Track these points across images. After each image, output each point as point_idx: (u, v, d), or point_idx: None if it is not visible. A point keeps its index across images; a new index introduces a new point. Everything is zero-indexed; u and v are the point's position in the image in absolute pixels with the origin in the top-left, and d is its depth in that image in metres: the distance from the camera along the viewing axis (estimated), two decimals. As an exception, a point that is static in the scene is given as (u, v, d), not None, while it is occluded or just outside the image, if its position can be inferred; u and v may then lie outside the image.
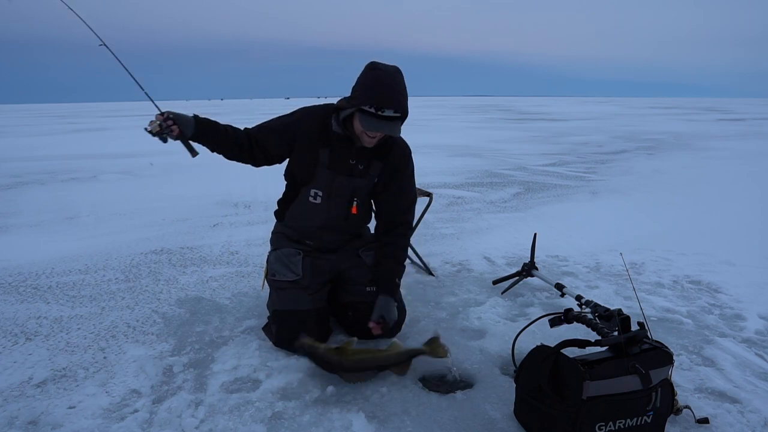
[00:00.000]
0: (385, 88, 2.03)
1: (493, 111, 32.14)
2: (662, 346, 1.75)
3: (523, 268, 3.09)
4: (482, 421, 1.85)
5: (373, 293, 2.32)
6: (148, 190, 6.37)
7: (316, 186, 2.28)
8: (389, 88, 2.04)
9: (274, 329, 2.33)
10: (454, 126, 18.48)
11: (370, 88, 2.04)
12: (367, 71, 2.08)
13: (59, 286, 3.15)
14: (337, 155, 2.24)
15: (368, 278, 2.36)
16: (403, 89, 2.09)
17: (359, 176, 2.28)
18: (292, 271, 2.31)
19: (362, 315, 2.29)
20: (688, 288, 3.15)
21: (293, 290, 2.29)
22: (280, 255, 2.36)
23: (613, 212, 5.17)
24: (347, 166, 2.25)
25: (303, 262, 2.33)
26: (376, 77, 2.05)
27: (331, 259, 2.40)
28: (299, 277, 2.29)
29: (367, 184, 2.32)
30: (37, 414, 1.89)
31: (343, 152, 2.24)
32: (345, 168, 2.25)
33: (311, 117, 2.28)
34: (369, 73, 2.07)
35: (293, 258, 2.33)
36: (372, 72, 2.07)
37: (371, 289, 2.34)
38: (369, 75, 2.07)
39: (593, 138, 13.27)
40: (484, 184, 6.76)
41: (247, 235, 4.26)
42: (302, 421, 1.84)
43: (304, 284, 2.29)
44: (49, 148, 11.69)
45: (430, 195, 3.45)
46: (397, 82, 2.06)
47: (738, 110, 32.76)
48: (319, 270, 2.36)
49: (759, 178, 7.20)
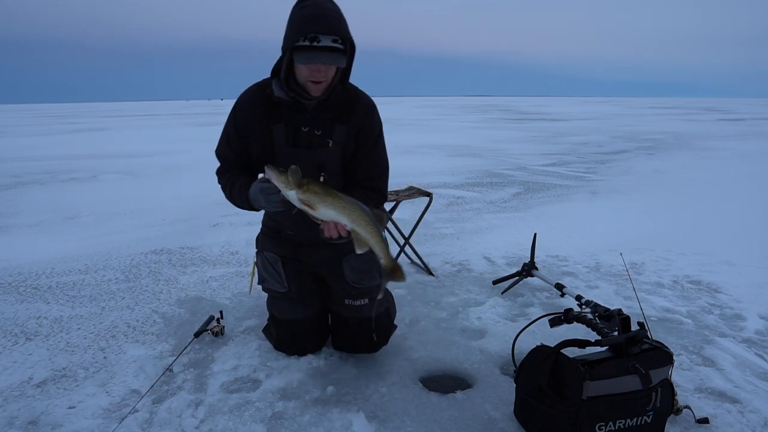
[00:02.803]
0: (317, 16, 1.79)
1: (493, 111, 32.14)
2: (662, 346, 1.75)
3: (523, 268, 3.09)
4: (482, 421, 1.85)
5: (352, 307, 2.16)
6: (148, 190, 6.37)
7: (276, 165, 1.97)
8: (322, 15, 1.80)
9: (274, 333, 2.32)
10: (454, 126, 18.47)
11: (300, 19, 1.81)
12: (294, 8, 1.86)
13: (59, 286, 3.15)
14: (291, 128, 2.00)
15: (347, 292, 2.17)
16: (340, 14, 1.84)
17: (321, 146, 2.02)
18: (278, 281, 2.19)
19: (339, 326, 2.25)
20: (688, 288, 3.15)
21: (283, 300, 2.21)
22: (266, 261, 2.22)
23: (613, 212, 5.17)
24: (301, 135, 2.00)
25: (286, 272, 2.17)
26: (304, 8, 1.82)
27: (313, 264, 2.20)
28: (286, 290, 2.18)
29: (334, 154, 2.04)
30: (37, 414, 1.89)
31: (295, 121, 2.00)
32: (301, 140, 2.01)
33: (247, 97, 2.05)
34: (296, 8, 1.85)
35: (276, 266, 2.18)
36: (299, 5, 1.85)
37: (348, 302, 2.17)
38: (296, 9, 1.85)
39: (593, 138, 13.27)
40: (484, 184, 6.76)
41: (247, 235, 4.25)
42: (302, 421, 1.84)
43: (292, 296, 2.19)
44: (49, 148, 11.69)
45: (430, 195, 3.45)
46: (330, 8, 1.83)
47: (738, 110, 32.75)
48: (304, 277, 2.22)
49: (759, 178, 7.20)
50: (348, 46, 1.88)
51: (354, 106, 2.04)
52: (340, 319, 2.23)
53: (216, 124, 21.77)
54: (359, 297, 2.16)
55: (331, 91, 1.96)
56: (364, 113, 2.06)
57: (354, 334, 2.22)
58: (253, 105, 2.02)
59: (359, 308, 2.16)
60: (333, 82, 1.94)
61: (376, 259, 1.77)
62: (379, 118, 2.13)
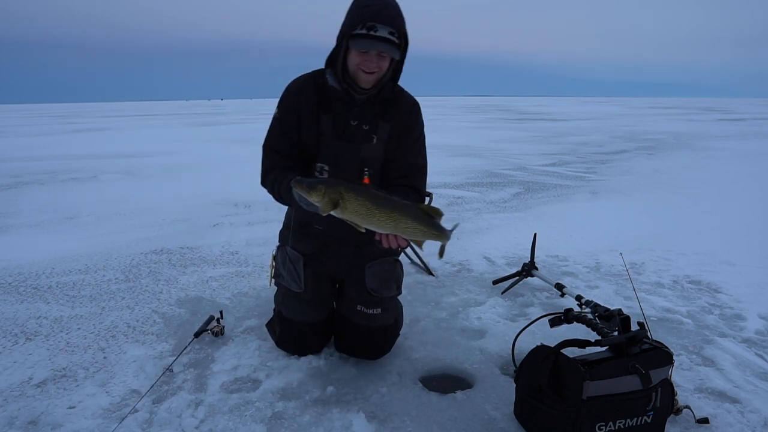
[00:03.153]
0: (377, 5, 1.83)
1: (493, 111, 32.13)
2: (662, 346, 1.75)
3: (523, 268, 3.09)
4: (482, 421, 1.85)
5: (364, 315, 2.15)
6: (148, 190, 6.37)
7: (321, 160, 2.03)
8: (383, 5, 1.84)
9: (277, 330, 2.29)
10: (454, 126, 18.47)
11: (362, 7, 1.84)
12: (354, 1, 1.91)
13: (59, 286, 3.15)
14: (340, 119, 2.01)
15: (362, 299, 2.15)
16: (398, 10, 1.88)
17: (366, 141, 2.02)
18: (294, 281, 2.16)
19: (347, 331, 2.23)
20: (688, 288, 3.15)
21: (296, 300, 2.19)
22: (286, 257, 2.18)
23: (613, 212, 5.17)
24: (350, 129, 2.01)
25: (305, 273, 2.14)
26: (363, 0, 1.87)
27: (334, 265, 2.19)
28: (302, 291, 2.15)
29: (377, 150, 2.05)
30: (37, 414, 1.89)
31: (345, 113, 2.01)
32: (348, 133, 2.02)
33: (298, 84, 2.05)
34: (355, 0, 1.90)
35: (296, 265, 2.15)
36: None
37: (361, 308, 2.15)
38: (355, 1, 1.90)
39: (593, 138, 13.27)
40: (484, 184, 6.76)
41: (247, 235, 4.25)
42: (302, 421, 1.84)
43: (307, 298, 2.17)
44: (49, 148, 11.68)
45: (430, 195, 3.45)
46: (391, 3, 1.87)
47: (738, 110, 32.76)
48: (322, 280, 2.21)
49: (759, 178, 7.20)
50: (403, 42, 1.91)
51: (399, 106, 2.07)
52: (349, 324, 2.20)
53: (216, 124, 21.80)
54: (373, 306, 2.15)
55: (381, 87, 1.99)
56: (408, 113, 2.09)
57: (361, 341, 2.21)
58: (305, 92, 2.02)
59: (371, 317, 2.15)
60: (383, 77, 1.97)
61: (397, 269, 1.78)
62: (422, 119, 2.16)
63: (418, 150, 2.13)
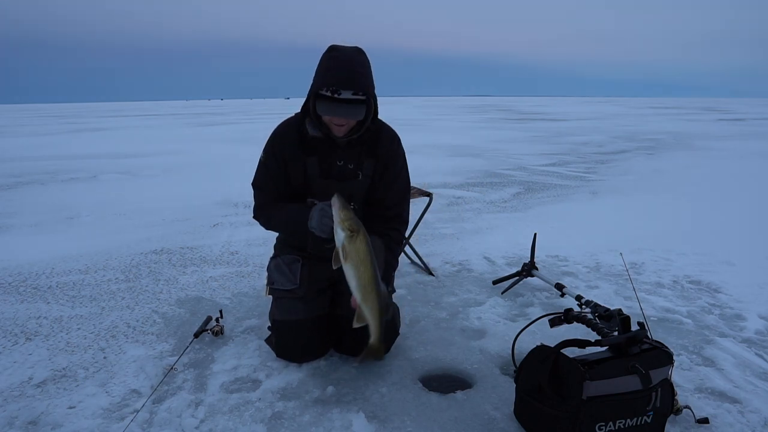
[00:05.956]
0: (341, 70, 1.90)
1: (493, 111, 32.14)
2: (662, 346, 1.75)
3: (523, 268, 3.09)
4: (482, 421, 1.85)
5: None
6: (148, 190, 6.37)
7: (312, 195, 2.18)
8: (346, 69, 1.91)
9: (274, 340, 2.29)
10: (454, 126, 18.48)
11: (326, 70, 1.93)
12: (324, 55, 1.98)
13: (59, 286, 3.15)
14: (325, 161, 2.14)
15: None
16: (364, 69, 1.96)
17: (352, 178, 2.18)
18: (289, 279, 2.22)
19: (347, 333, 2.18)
20: (688, 288, 3.15)
21: (289, 299, 2.21)
22: (280, 262, 2.28)
23: (613, 212, 5.17)
24: (336, 168, 2.15)
25: (302, 271, 2.23)
26: (332, 58, 1.94)
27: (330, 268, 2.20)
28: (296, 287, 2.21)
29: (363, 186, 2.22)
30: (37, 414, 1.89)
31: (330, 155, 2.14)
32: (335, 172, 2.15)
33: (282, 131, 2.18)
34: (325, 56, 1.97)
35: (293, 265, 2.24)
36: (328, 54, 1.96)
37: None
38: (325, 58, 1.96)
39: (593, 138, 13.27)
40: (484, 184, 6.76)
41: (247, 235, 4.26)
42: (302, 421, 1.84)
43: (300, 294, 2.20)
44: (49, 148, 11.69)
45: (430, 195, 3.45)
46: (357, 62, 1.94)
47: (738, 110, 32.76)
48: (317, 278, 2.25)
49: (759, 178, 7.20)
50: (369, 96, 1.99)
51: (379, 140, 2.19)
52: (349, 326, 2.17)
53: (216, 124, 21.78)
54: None
55: (362, 131, 2.09)
56: (389, 142, 2.22)
57: (361, 343, 2.20)
58: (288, 138, 2.14)
59: None
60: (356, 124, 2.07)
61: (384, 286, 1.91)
62: (402, 149, 2.28)
63: (401, 180, 2.26)
